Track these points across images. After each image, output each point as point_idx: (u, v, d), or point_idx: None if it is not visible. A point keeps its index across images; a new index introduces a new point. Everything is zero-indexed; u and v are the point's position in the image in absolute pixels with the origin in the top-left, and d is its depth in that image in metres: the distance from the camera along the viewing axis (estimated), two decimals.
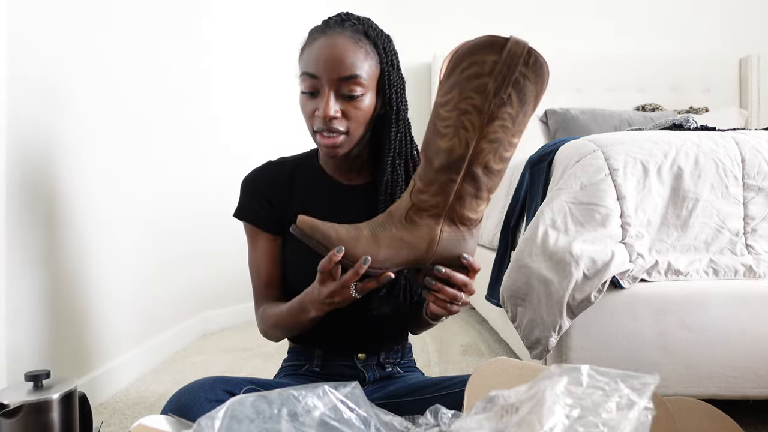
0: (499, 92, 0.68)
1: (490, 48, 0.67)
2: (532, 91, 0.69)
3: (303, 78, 0.87)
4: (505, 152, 0.72)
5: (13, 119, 1.07)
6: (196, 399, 0.77)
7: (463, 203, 0.74)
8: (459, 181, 0.73)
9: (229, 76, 2.29)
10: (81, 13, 1.32)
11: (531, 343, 1.16)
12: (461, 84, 0.69)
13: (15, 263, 1.08)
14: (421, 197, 0.74)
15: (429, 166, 0.74)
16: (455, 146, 0.71)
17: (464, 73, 0.68)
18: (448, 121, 0.70)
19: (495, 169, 0.72)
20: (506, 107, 0.69)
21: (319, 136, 0.86)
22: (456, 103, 0.69)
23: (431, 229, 0.74)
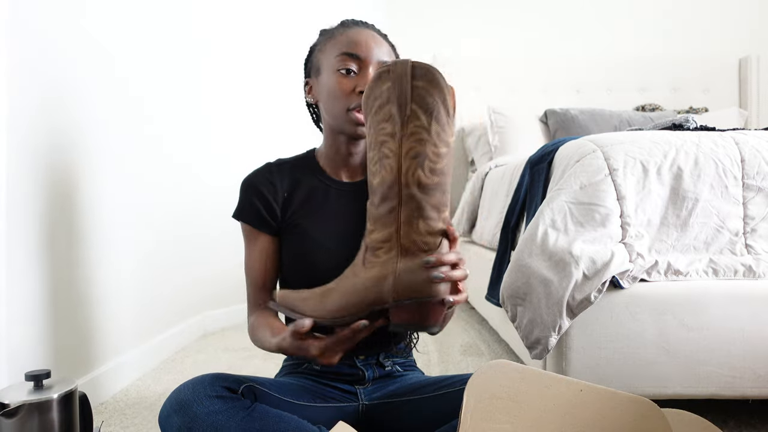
0: (404, 110, 0.72)
1: (380, 79, 0.73)
2: (435, 97, 0.71)
3: (343, 58, 0.90)
4: (435, 164, 0.72)
5: (14, 121, 1.07)
6: (196, 395, 0.77)
7: (411, 227, 0.72)
8: (398, 206, 0.73)
9: (229, 76, 2.29)
10: (81, 13, 1.32)
11: (531, 343, 1.16)
12: (374, 122, 0.74)
13: (15, 263, 1.08)
14: (372, 237, 0.75)
15: (372, 206, 0.76)
16: (384, 176, 0.73)
17: (372, 111, 0.74)
18: (373, 159, 0.75)
19: (430, 183, 0.72)
20: (414, 121, 0.71)
21: (356, 113, 0.89)
22: (374, 139, 0.74)
23: (386, 265, 0.73)
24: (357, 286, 0.74)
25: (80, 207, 1.31)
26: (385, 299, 0.73)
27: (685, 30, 3.19)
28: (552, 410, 0.68)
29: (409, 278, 0.72)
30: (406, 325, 0.72)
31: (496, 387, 0.69)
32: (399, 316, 0.72)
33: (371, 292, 0.73)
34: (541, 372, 0.70)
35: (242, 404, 0.78)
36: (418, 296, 0.71)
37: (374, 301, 0.73)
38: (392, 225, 0.73)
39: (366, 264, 0.75)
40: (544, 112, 2.93)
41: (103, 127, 1.42)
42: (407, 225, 0.72)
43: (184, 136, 1.97)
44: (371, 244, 0.75)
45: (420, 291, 0.71)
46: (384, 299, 0.73)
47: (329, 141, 0.98)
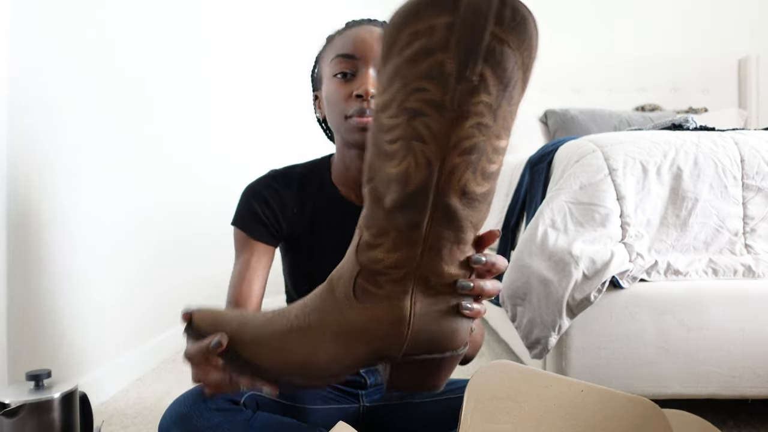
0: (465, 72, 0.43)
1: (437, 5, 0.42)
2: (517, 61, 0.45)
3: (338, 61, 0.80)
4: (490, 164, 0.47)
5: (14, 123, 1.07)
6: (196, 408, 0.75)
7: (438, 255, 0.48)
8: (427, 224, 0.47)
9: (230, 76, 2.29)
10: (81, 13, 1.32)
11: (531, 342, 1.16)
12: (404, 70, 0.44)
13: (16, 263, 1.08)
14: (372, 255, 0.49)
15: (377, 205, 0.49)
16: (410, 171, 0.46)
17: (406, 53, 0.44)
18: (393, 133, 0.46)
19: (478, 193, 0.47)
20: (480, 94, 0.44)
21: (355, 118, 0.79)
22: (401, 102, 0.45)
23: (397, 303, 0.49)
24: (346, 330, 0.49)
25: (81, 207, 1.31)
26: (388, 353, 0.50)
27: (685, 30, 3.19)
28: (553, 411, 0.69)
29: (428, 326, 0.50)
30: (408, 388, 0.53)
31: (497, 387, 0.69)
32: (403, 377, 0.52)
33: (370, 343, 0.50)
34: (542, 372, 0.70)
35: (243, 416, 0.76)
36: (438, 351, 0.50)
37: (370, 354, 0.50)
38: (413, 247, 0.48)
39: (359, 294, 0.49)
40: (544, 112, 2.93)
41: (104, 128, 1.42)
42: (435, 252, 0.48)
43: (184, 137, 1.97)
44: (370, 265, 0.49)
45: (441, 344, 0.50)
46: (388, 353, 0.50)
47: (339, 156, 0.89)
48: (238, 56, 2.33)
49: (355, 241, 0.51)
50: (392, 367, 0.52)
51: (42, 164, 1.17)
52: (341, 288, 0.50)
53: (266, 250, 0.87)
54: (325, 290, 0.51)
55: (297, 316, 0.50)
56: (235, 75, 2.32)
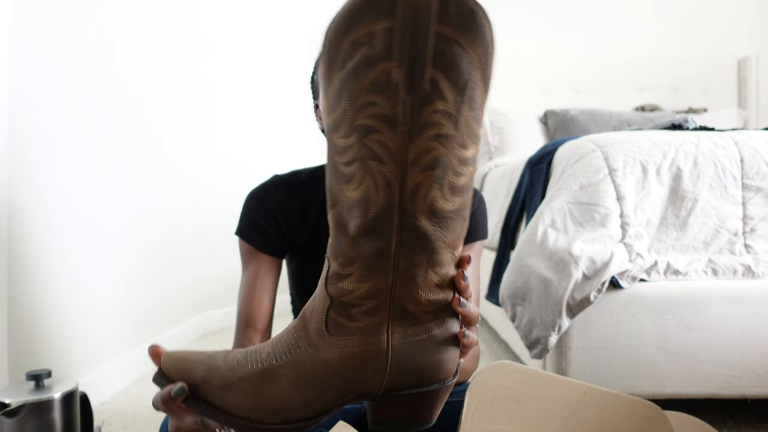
0: (414, 80, 0.39)
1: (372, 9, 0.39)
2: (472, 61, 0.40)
3: None
4: (458, 177, 0.43)
5: (14, 123, 1.07)
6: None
7: (413, 281, 0.45)
8: (395, 249, 0.44)
9: (230, 76, 2.29)
10: (81, 13, 1.32)
11: (530, 342, 1.16)
12: (349, 84, 0.40)
13: (16, 263, 1.08)
14: (342, 286, 0.45)
15: (341, 232, 0.45)
16: (370, 194, 0.42)
17: (348, 65, 0.40)
18: (348, 154, 0.42)
19: (449, 210, 0.43)
20: (435, 102, 0.40)
21: None
22: (351, 119, 0.41)
23: (372, 336, 0.45)
24: (319, 372, 0.46)
25: (81, 207, 1.31)
26: (367, 390, 0.46)
27: (685, 30, 3.19)
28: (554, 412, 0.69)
29: (409, 358, 0.46)
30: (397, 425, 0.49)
31: (498, 388, 0.69)
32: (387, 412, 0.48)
33: (345, 380, 0.46)
34: (543, 373, 0.70)
35: None
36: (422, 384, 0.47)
37: (348, 393, 0.46)
38: (383, 275, 0.44)
39: (331, 329, 0.46)
40: (543, 113, 2.93)
41: (104, 128, 1.42)
42: (409, 278, 0.45)
43: (184, 136, 1.97)
44: (339, 296, 0.45)
45: (425, 376, 0.47)
46: (366, 390, 0.46)
47: None
48: (238, 56, 2.33)
49: (324, 271, 0.47)
50: (374, 404, 0.48)
51: (42, 164, 1.17)
52: (314, 323, 0.47)
53: (273, 262, 0.85)
54: (298, 326, 0.48)
55: (268, 357, 0.47)
56: (235, 75, 2.32)
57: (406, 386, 0.46)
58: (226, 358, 0.48)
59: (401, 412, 0.48)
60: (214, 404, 0.46)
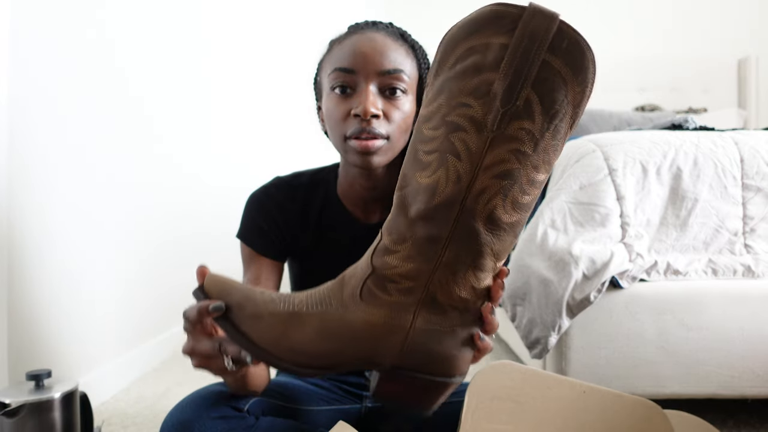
0: (512, 96, 0.43)
1: (495, 24, 0.43)
2: (567, 91, 0.44)
3: (336, 74, 0.74)
4: (523, 195, 0.46)
5: (14, 123, 1.07)
6: (198, 415, 0.72)
7: (452, 275, 0.48)
8: (446, 240, 0.47)
9: (230, 76, 2.29)
10: (81, 13, 1.32)
11: (530, 342, 1.16)
12: (452, 84, 0.44)
13: (16, 263, 1.08)
14: (387, 260, 0.49)
15: (402, 212, 0.49)
16: (440, 182, 0.45)
17: (457, 67, 0.44)
18: (431, 144, 0.46)
19: (505, 221, 0.46)
20: (523, 120, 0.43)
21: (354, 141, 0.73)
22: (444, 116, 0.45)
23: (398, 313, 0.48)
24: (342, 330, 0.49)
25: (81, 207, 1.31)
26: (378, 360, 0.50)
27: (685, 30, 3.19)
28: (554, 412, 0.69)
29: (425, 344, 0.49)
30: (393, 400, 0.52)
31: (498, 388, 0.69)
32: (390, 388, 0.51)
33: (362, 344, 0.49)
34: (543, 373, 0.70)
35: (246, 423, 0.75)
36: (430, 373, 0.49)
37: (361, 357, 0.49)
38: (428, 260, 0.47)
39: (365, 296, 0.49)
40: None
41: (104, 128, 1.42)
42: (449, 271, 0.47)
43: (184, 136, 1.97)
44: (383, 270, 0.49)
45: (435, 366, 0.49)
46: (377, 360, 0.50)
47: (344, 172, 0.85)
48: (238, 57, 2.33)
49: (375, 243, 0.51)
50: (381, 376, 0.51)
51: (42, 164, 1.17)
52: (350, 287, 0.50)
53: (274, 265, 0.85)
54: (335, 286, 0.52)
55: (300, 303, 0.51)
56: (235, 75, 2.32)
57: (414, 368, 0.49)
58: (262, 293, 0.52)
59: (402, 391, 0.51)
60: (240, 329, 0.50)
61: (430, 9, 3.21)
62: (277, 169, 1.05)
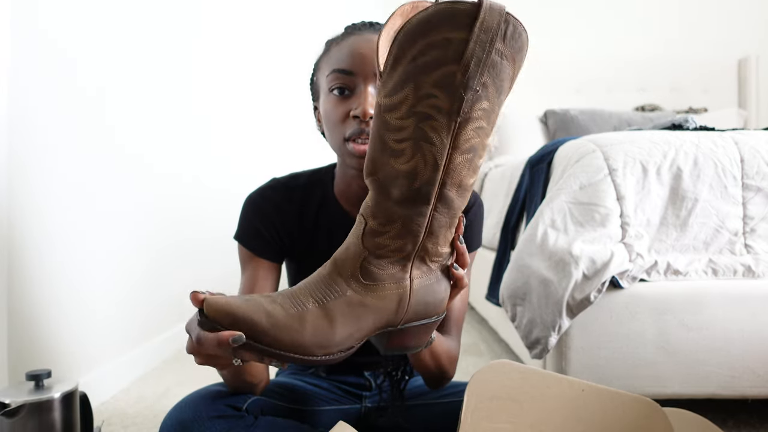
0: (472, 83, 0.49)
1: (452, 21, 0.47)
2: (509, 72, 0.51)
3: (334, 76, 0.75)
4: (479, 159, 0.55)
5: (15, 124, 1.07)
6: (197, 415, 0.73)
7: (435, 238, 0.56)
8: (429, 215, 0.55)
9: (230, 80, 2.29)
10: (81, 14, 1.32)
11: (531, 342, 1.16)
12: (416, 77, 0.49)
13: (16, 263, 1.08)
14: (378, 241, 0.55)
15: (384, 196, 0.54)
16: (419, 168, 0.52)
17: (419, 61, 0.48)
18: (402, 133, 0.51)
19: (468, 184, 0.55)
20: (482, 102, 0.50)
21: (352, 144, 0.74)
22: (411, 106, 0.50)
23: (399, 282, 0.56)
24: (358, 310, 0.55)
25: (81, 207, 1.31)
26: (393, 323, 0.58)
27: (685, 30, 3.19)
28: (553, 410, 0.69)
29: (423, 298, 0.58)
30: (402, 348, 0.61)
31: (497, 387, 0.69)
32: (400, 340, 0.60)
33: (378, 317, 0.56)
34: (542, 372, 0.70)
35: (244, 422, 0.75)
36: (426, 317, 0.59)
37: (377, 326, 0.57)
38: (417, 234, 0.55)
39: (365, 275, 0.55)
40: (544, 112, 2.93)
41: (104, 129, 1.42)
42: (433, 236, 0.56)
43: (184, 138, 1.97)
44: (375, 249, 0.55)
45: (433, 310, 0.60)
46: (392, 323, 0.58)
47: (341, 172, 0.86)
48: (237, 60, 2.33)
49: (360, 227, 0.56)
50: (390, 334, 0.59)
51: (41, 164, 1.17)
52: (348, 269, 0.56)
53: (271, 266, 0.85)
54: (332, 272, 0.56)
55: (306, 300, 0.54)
56: (234, 78, 2.32)
57: (417, 318, 0.59)
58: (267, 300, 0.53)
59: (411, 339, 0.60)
60: (263, 344, 0.51)
61: None
62: (276, 170, 1.05)
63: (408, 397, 0.91)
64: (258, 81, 2.42)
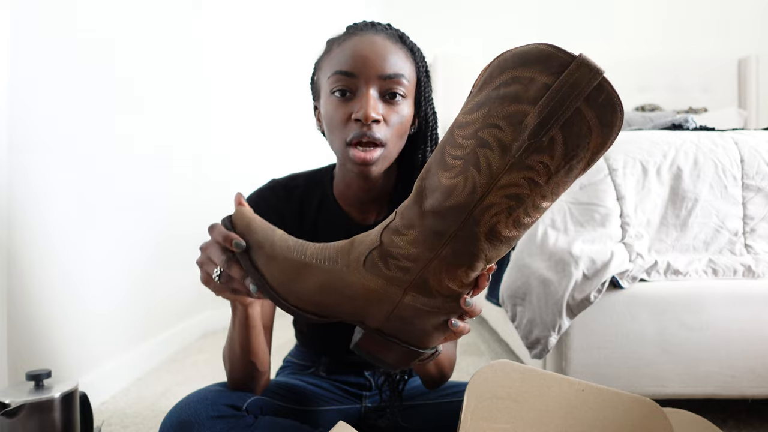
0: (540, 132, 0.47)
1: (545, 63, 0.47)
2: (589, 141, 0.48)
3: (336, 78, 0.75)
4: (526, 217, 0.51)
5: (14, 125, 1.07)
6: (198, 415, 0.73)
7: (446, 267, 0.54)
8: (449, 239, 0.53)
9: (230, 77, 2.29)
10: (82, 14, 1.32)
11: (530, 342, 1.16)
12: (491, 105, 0.49)
13: (16, 263, 1.08)
14: (394, 239, 0.55)
15: (417, 202, 0.54)
16: (457, 188, 0.51)
17: (500, 90, 0.49)
18: (460, 150, 0.51)
19: (504, 236, 0.52)
20: (543, 155, 0.48)
21: (353, 150, 0.74)
22: (477, 130, 0.49)
23: (392, 286, 0.55)
24: (342, 288, 0.56)
25: (81, 207, 1.31)
26: (366, 320, 0.58)
27: (685, 30, 3.19)
28: (553, 410, 0.69)
29: (408, 318, 0.56)
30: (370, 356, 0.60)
31: (497, 387, 0.69)
32: (370, 345, 0.59)
33: (356, 304, 0.57)
34: (542, 372, 0.70)
35: (245, 422, 0.75)
36: (407, 342, 0.58)
37: (352, 315, 0.57)
38: (429, 250, 0.53)
39: (368, 264, 0.56)
40: None
41: (103, 129, 1.42)
42: (444, 263, 0.54)
43: (185, 135, 1.97)
44: (389, 245, 0.55)
45: (411, 337, 0.58)
46: (365, 320, 0.58)
47: (340, 174, 0.86)
48: (237, 58, 2.33)
49: (389, 220, 0.57)
50: (363, 333, 0.59)
51: (41, 164, 1.17)
52: (357, 252, 0.57)
53: None
54: (345, 246, 0.58)
55: (311, 256, 0.58)
56: (234, 76, 2.32)
57: (392, 335, 0.58)
58: (282, 237, 0.60)
59: (378, 350, 0.59)
60: (255, 265, 0.59)
61: (429, 10, 3.21)
62: (277, 169, 1.05)
63: (408, 398, 0.91)
64: (258, 79, 2.42)
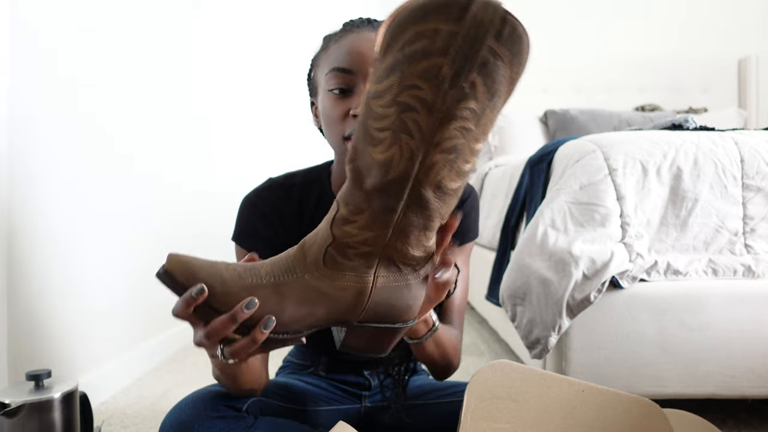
0: (459, 79, 0.46)
1: (444, 12, 0.45)
2: (506, 75, 0.48)
3: (333, 74, 0.75)
4: (465, 164, 0.51)
5: (14, 126, 1.07)
6: (197, 415, 0.73)
7: (406, 238, 0.53)
8: (401, 210, 0.51)
9: (229, 79, 2.29)
10: (84, 15, 1.32)
11: (530, 342, 1.16)
12: (402, 66, 0.47)
13: (16, 263, 1.08)
14: (346, 229, 0.53)
15: (357, 185, 0.52)
16: (394, 159, 0.49)
17: (406, 50, 0.46)
18: (384, 122, 0.49)
19: (450, 188, 0.51)
20: (468, 101, 0.47)
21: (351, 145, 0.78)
22: (395, 95, 0.47)
23: (361, 276, 0.54)
24: (310, 294, 0.53)
25: (81, 208, 1.31)
26: (347, 318, 0.55)
27: (685, 30, 3.19)
28: (553, 411, 0.69)
29: (386, 299, 0.55)
30: (357, 350, 0.58)
31: (497, 387, 0.69)
32: (355, 341, 0.57)
33: (332, 307, 0.54)
34: (542, 372, 0.70)
35: (245, 423, 0.75)
36: (390, 321, 0.56)
37: (331, 318, 0.55)
38: (384, 228, 0.52)
39: (328, 262, 0.53)
40: (544, 113, 2.93)
41: (104, 130, 1.42)
42: (403, 235, 0.53)
43: (185, 135, 1.97)
44: (343, 238, 0.53)
45: (394, 316, 0.56)
46: (346, 318, 0.55)
47: (338, 170, 0.86)
48: (236, 58, 2.33)
49: (332, 213, 0.54)
50: (348, 330, 0.57)
51: (42, 164, 1.17)
52: (312, 254, 0.54)
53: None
54: (297, 254, 0.55)
55: (267, 275, 0.54)
56: (233, 79, 2.32)
57: (377, 320, 0.55)
58: (227, 268, 0.54)
59: (366, 341, 0.57)
60: (213, 307, 0.53)
61: None
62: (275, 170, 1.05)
63: (409, 397, 0.91)
64: (256, 81, 2.42)
